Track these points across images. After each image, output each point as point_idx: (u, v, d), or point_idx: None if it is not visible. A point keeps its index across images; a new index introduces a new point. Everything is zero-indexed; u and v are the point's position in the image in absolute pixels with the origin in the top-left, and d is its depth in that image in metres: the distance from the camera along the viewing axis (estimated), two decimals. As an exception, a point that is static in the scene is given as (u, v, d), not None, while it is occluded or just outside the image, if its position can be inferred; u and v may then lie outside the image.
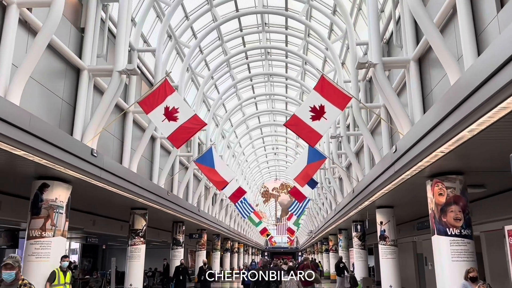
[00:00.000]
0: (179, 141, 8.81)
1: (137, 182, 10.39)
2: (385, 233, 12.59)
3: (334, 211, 19.03)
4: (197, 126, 8.78)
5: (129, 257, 12.99)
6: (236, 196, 18.93)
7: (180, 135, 8.68)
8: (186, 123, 8.62)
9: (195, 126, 8.75)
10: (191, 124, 8.66)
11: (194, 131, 8.88)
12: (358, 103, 11.73)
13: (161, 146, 16.47)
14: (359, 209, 13.68)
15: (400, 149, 7.60)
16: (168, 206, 13.61)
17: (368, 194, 11.18)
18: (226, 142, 28.21)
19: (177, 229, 18.49)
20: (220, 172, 13.63)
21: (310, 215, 44.45)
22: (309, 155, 13.37)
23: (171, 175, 17.63)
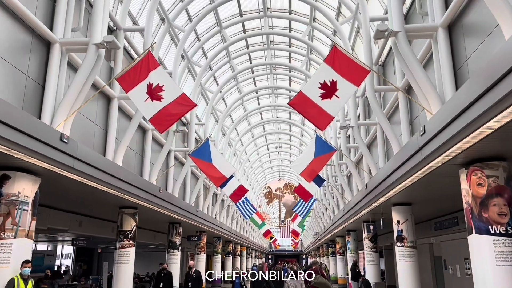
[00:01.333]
0: (163, 124, 7.58)
1: (120, 176, 9.17)
2: (402, 234, 11.32)
3: (343, 211, 17.75)
4: (185, 107, 7.55)
5: (116, 262, 11.77)
6: (237, 195, 17.67)
7: (164, 117, 7.46)
8: (173, 104, 7.39)
9: (182, 107, 7.52)
10: (178, 105, 7.43)
11: (182, 112, 7.64)
12: (373, 86, 10.48)
13: (153, 139, 15.25)
14: (372, 207, 12.42)
15: (430, 131, 6.35)
16: (161, 205, 12.39)
17: (384, 189, 9.92)
18: (226, 140, 26.98)
19: (173, 230, 17.25)
20: (218, 166, 12.39)
21: (315, 216, 43.12)
22: (317, 147, 12.12)
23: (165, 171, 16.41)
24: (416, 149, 6.92)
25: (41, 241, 22.41)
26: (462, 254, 12.84)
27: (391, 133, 10.51)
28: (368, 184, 11.66)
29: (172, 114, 7.48)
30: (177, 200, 14.22)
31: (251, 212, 24.21)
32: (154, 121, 7.58)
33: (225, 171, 12.53)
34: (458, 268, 13.20)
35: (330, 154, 11.99)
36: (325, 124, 7.62)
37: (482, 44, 7.05)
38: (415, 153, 7.05)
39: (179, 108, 7.47)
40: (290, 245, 75.61)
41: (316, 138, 12.14)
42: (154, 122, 7.63)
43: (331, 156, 12.06)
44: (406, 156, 7.61)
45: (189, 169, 20.29)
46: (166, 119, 7.51)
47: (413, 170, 7.46)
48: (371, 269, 16.25)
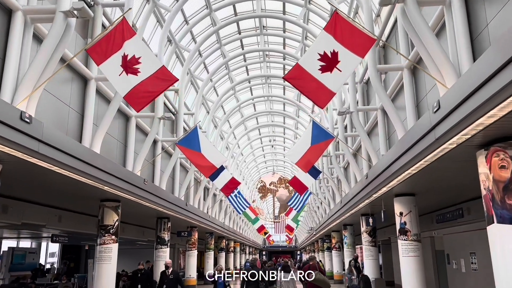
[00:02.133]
0: (140, 102, 6.71)
1: (98, 164, 8.31)
2: (405, 226, 10.58)
3: (340, 204, 17.02)
4: (165, 82, 6.68)
5: (98, 259, 10.92)
6: (229, 188, 16.86)
7: (142, 93, 6.59)
8: (151, 78, 6.53)
9: (162, 82, 6.65)
10: (158, 80, 6.56)
11: (161, 88, 6.76)
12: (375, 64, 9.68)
13: (138, 128, 14.34)
14: (372, 198, 11.68)
15: (445, 106, 5.57)
16: (146, 198, 11.54)
17: (387, 178, 9.17)
18: (218, 132, 26.11)
19: (161, 226, 16.44)
20: (208, 155, 11.56)
21: (310, 211, 42.49)
22: (313, 134, 11.33)
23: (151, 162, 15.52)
24: (428, 128, 6.14)
25: (24, 238, 21.45)
26: (468, 248, 12.17)
27: (395, 116, 9.71)
28: (369, 174, 10.90)
29: (150, 90, 6.62)
30: (164, 193, 13.37)
31: (244, 207, 23.41)
32: (130, 98, 6.72)
33: (215, 161, 11.70)
34: (462, 262, 12.54)
35: (328, 141, 11.21)
36: (325, 101, 6.81)
37: (505, 7, 6.25)
38: (426, 134, 6.27)
39: (159, 84, 6.61)
40: (284, 240, 75.11)
41: (313, 124, 11.35)
42: (129, 99, 6.76)
43: (329, 143, 11.27)
44: (414, 139, 6.83)
45: (178, 161, 19.40)
46: (143, 95, 6.65)
47: (422, 154, 6.68)
48: (370, 264, 15.57)
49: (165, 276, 10.79)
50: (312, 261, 11.06)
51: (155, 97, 7.02)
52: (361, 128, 12.39)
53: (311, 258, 11.27)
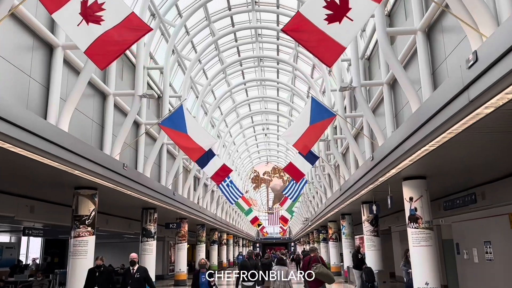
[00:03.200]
0: (104, 58, 5.54)
1: (65, 144, 7.18)
2: (416, 213, 9.57)
3: (339, 191, 15.99)
4: (135, 31, 5.50)
5: (72, 253, 9.79)
6: (220, 176, 15.72)
7: (106, 47, 5.42)
8: (118, 28, 5.36)
9: (132, 32, 5.47)
10: (126, 29, 5.39)
11: (130, 40, 5.57)
12: (384, 28, 8.56)
13: (117, 108, 13.11)
14: (377, 183, 10.64)
15: (484, 58, 4.49)
16: (126, 185, 10.40)
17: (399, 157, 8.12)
18: (208, 118, 24.92)
19: (147, 217, 15.32)
20: (195, 137, 10.40)
21: (304, 202, 41.60)
22: (313, 112, 10.21)
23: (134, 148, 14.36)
24: (459, 89, 5.05)
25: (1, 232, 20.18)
26: (482, 236, 11.20)
27: (408, 85, 8.59)
28: (375, 155, 9.84)
29: (117, 42, 5.44)
30: (148, 180, 12.22)
31: (236, 197, 22.30)
32: (92, 52, 5.54)
33: (204, 143, 10.55)
34: (475, 252, 11.58)
35: (328, 120, 10.10)
36: (333, 57, 5.68)
37: None
38: (456, 96, 5.18)
39: (127, 34, 5.43)
40: (278, 232, 74.42)
41: (312, 101, 10.23)
42: (91, 54, 5.58)
43: (330, 122, 10.17)
44: (439, 105, 5.74)
45: (165, 147, 18.21)
46: (108, 49, 5.48)
47: (449, 122, 5.61)
48: (372, 255, 14.65)
49: (130, 274, 8.46)
50: (314, 252, 10.02)
51: (123, 51, 5.84)
52: (365, 104, 11.28)
53: (312, 250, 10.21)
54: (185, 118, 10.38)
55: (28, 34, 8.98)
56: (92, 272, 8.69)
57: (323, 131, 10.39)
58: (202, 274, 8.10)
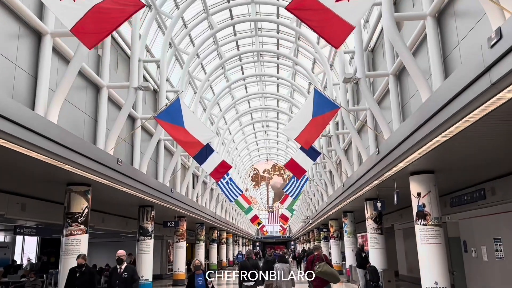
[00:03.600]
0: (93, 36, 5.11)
1: (52, 135, 6.76)
2: (424, 209, 9.16)
3: (341, 188, 15.59)
4: (126, 8, 5.06)
5: (63, 252, 9.37)
6: (219, 172, 15.29)
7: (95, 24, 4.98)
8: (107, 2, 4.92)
9: (123, 8, 5.03)
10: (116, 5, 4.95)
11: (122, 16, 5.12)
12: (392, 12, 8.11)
13: (111, 101, 12.66)
14: (383, 178, 10.25)
15: (509, 37, 4.08)
16: (121, 181, 9.97)
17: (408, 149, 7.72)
18: (207, 115, 24.48)
19: (144, 215, 14.91)
20: (192, 131, 9.97)
21: (305, 199, 41.20)
22: (315, 105, 9.77)
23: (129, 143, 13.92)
24: (479, 71, 4.62)
25: (-5, 231, 19.76)
26: (491, 233, 10.79)
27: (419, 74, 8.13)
28: (381, 148, 9.43)
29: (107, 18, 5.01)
30: (144, 177, 11.81)
31: (236, 194, 21.88)
32: (79, 30, 5.09)
33: (202, 137, 10.12)
34: (484, 250, 11.18)
35: (332, 112, 9.67)
36: (341, 38, 5.25)
37: None
38: (476, 80, 4.76)
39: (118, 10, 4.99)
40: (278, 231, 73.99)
41: (315, 93, 9.79)
42: (78, 31, 5.13)
43: (333, 115, 9.74)
44: (453, 92, 5.33)
45: (162, 144, 17.77)
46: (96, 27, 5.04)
47: (467, 108, 5.19)
48: (376, 254, 14.24)
49: (116, 274, 7.70)
50: (317, 251, 9.61)
51: (113, 30, 5.40)
52: (370, 95, 10.84)
53: (316, 248, 9.80)
54: (182, 111, 9.94)
55: (14, 21, 8.53)
56: (72, 272, 7.69)
57: (326, 124, 9.97)
58: (198, 276, 7.61)
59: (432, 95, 6.71)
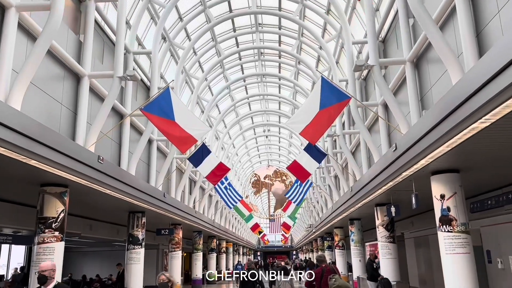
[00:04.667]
0: None
1: (13, 124, 5.67)
2: (449, 214, 8.01)
3: (350, 192, 14.44)
4: None
5: (33, 263, 8.22)
6: (216, 175, 14.20)
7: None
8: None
9: None
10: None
11: None
12: None
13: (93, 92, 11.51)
14: (399, 179, 9.13)
15: None
16: (102, 181, 8.87)
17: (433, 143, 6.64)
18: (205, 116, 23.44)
19: (134, 221, 13.75)
20: (184, 124, 8.88)
21: (307, 208, 39.96)
22: (323, 95, 8.68)
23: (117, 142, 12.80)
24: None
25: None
26: (522, 242, 9.63)
27: (449, 51, 7.01)
28: (400, 144, 8.32)
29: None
30: (130, 178, 10.69)
31: (235, 200, 20.71)
32: None
33: (194, 130, 9.02)
34: (512, 261, 10.00)
35: (342, 104, 8.57)
36: None
37: None
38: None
39: None
40: (280, 240, 72.47)
41: (322, 82, 8.69)
42: None
43: (343, 106, 8.63)
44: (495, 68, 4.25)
45: (155, 144, 16.65)
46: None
47: None
48: (388, 265, 13.07)
49: None
50: (324, 263, 8.47)
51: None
52: (384, 85, 9.71)
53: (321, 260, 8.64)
54: (173, 103, 8.86)
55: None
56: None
57: (335, 117, 8.86)
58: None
59: (465, 75, 5.62)
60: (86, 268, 24.65)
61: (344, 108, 8.83)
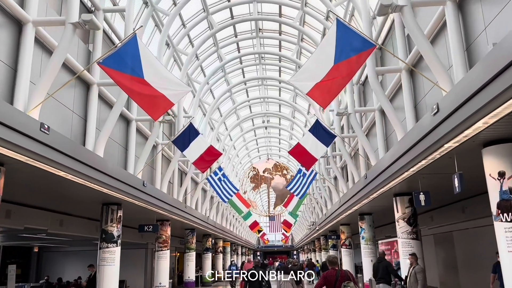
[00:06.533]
0: None
1: None
2: (510, 196, 6.00)
3: (363, 180, 12.42)
4: None
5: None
6: (206, 161, 12.17)
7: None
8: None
9: None
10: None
11: None
12: None
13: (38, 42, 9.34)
14: (438, 154, 7.13)
15: None
16: (51, 159, 6.89)
17: (495, 97, 4.66)
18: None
19: (107, 215, 11.76)
20: (155, 82, 6.83)
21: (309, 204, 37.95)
22: (338, 44, 6.63)
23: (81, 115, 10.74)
24: None
25: None
26: None
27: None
28: (443, 105, 6.29)
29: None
30: (96, 159, 8.68)
31: (230, 193, 18.65)
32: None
33: (169, 90, 6.96)
34: None
35: (365, 53, 6.52)
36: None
37: None
38: None
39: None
40: (280, 240, 70.52)
41: (338, 27, 6.64)
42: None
43: (367, 56, 6.58)
44: None
45: (134, 125, 14.58)
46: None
47: None
48: (411, 266, 10.98)
49: None
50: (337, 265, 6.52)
51: None
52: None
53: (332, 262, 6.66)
54: (141, 55, 6.81)
55: None
56: None
57: (355, 72, 6.83)
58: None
59: None
60: (67, 270, 22.68)
61: (366, 59, 6.78)
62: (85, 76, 11.42)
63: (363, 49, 6.57)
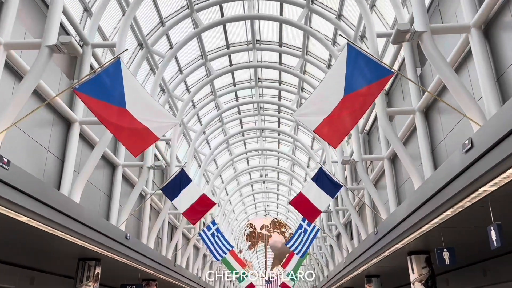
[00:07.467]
0: None
1: None
2: None
3: (374, 235, 11.25)
4: None
5: None
6: (197, 212, 11.04)
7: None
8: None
9: None
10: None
11: None
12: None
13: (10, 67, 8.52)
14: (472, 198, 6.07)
15: None
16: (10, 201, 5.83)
17: None
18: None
19: (83, 272, 10.43)
20: (138, 113, 5.94)
21: (309, 266, 35.98)
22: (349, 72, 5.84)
23: (58, 155, 9.74)
24: None
25: None
26: None
27: None
28: (478, 139, 5.36)
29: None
30: (69, 203, 7.61)
31: (224, 250, 17.19)
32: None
33: (154, 123, 6.05)
34: None
35: (382, 82, 5.71)
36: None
37: None
38: None
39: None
40: (277, 306, 66.65)
41: (349, 52, 5.88)
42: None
43: (384, 85, 5.76)
44: None
45: (120, 170, 13.52)
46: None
47: None
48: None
49: None
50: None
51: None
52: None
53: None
54: (124, 81, 5.98)
55: None
56: None
57: (370, 104, 5.97)
58: None
59: None
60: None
61: (384, 87, 5.95)
62: (66, 113, 10.64)
63: (378, 77, 5.78)
